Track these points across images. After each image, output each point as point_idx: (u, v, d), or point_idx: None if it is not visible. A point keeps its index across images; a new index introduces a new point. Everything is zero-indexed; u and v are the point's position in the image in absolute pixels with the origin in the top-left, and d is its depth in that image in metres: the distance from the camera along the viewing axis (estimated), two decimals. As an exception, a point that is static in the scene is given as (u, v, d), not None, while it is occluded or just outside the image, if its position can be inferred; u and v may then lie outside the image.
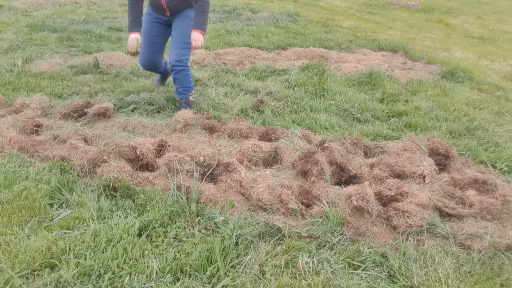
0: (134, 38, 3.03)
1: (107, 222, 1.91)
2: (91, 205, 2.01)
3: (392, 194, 2.21)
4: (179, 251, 1.78)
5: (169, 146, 2.65)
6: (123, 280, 1.60)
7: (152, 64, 3.23)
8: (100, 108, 3.04)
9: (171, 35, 3.12)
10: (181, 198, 2.11)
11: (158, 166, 2.40)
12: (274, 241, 1.90)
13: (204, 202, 2.13)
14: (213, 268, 1.69)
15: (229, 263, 1.73)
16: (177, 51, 3.03)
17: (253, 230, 1.92)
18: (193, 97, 3.35)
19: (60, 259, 1.68)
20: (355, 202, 2.10)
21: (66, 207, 2.06)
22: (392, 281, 1.73)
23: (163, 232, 1.88)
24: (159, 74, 3.65)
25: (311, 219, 2.05)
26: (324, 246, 1.89)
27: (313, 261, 1.76)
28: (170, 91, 3.62)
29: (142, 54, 3.17)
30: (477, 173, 2.45)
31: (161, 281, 1.62)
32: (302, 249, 1.83)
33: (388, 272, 1.77)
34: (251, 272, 1.70)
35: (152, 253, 1.75)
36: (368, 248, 1.86)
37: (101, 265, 1.65)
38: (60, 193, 2.13)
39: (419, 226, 2.01)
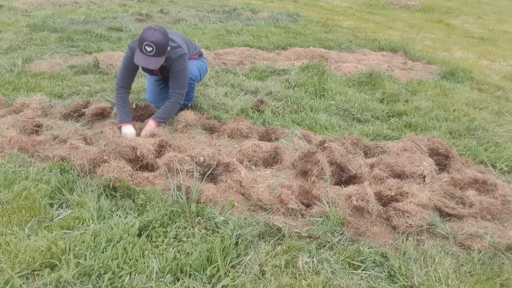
0: (132, 133, 2.75)
1: (107, 222, 1.91)
2: (91, 205, 2.01)
3: (392, 194, 2.21)
4: (179, 251, 1.78)
5: (169, 146, 2.65)
6: (123, 280, 1.60)
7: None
8: (97, 108, 3.04)
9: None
10: (181, 198, 2.11)
11: (158, 166, 2.40)
12: (274, 241, 1.90)
13: (204, 202, 2.13)
14: (213, 268, 1.69)
15: (229, 263, 1.73)
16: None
17: (253, 230, 1.92)
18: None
19: (60, 259, 1.68)
20: (355, 202, 2.10)
21: (66, 207, 2.06)
22: (392, 281, 1.73)
23: (163, 232, 1.88)
24: None
25: (311, 219, 2.05)
26: (324, 246, 1.89)
27: (313, 261, 1.76)
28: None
29: (152, 103, 3.17)
30: (477, 173, 2.45)
31: (161, 281, 1.62)
32: (302, 249, 1.83)
33: (388, 272, 1.77)
34: (251, 272, 1.70)
35: (152, 253, 1.75)
36: (368, 248, 1.86)
37: (101, 265, 1.65)
38: (60, 193, 2.13)
39: (419, 226, 2.01)
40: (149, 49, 2.56)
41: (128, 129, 2.76)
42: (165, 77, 3.07)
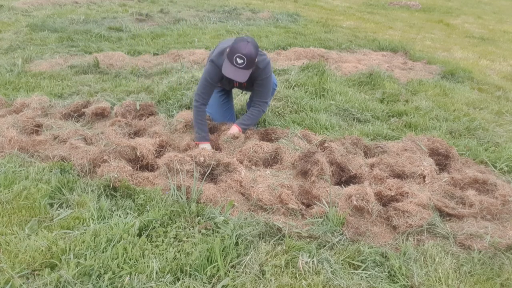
0: (208, 150, 2.58)
1: (107, 222, 1.91)
2: (91, 205, 2.01)
3: (392, 194, 2.21)
4: (179, 251, 1.78)
5: (169, 146, 2.65)
6: (123, 280, 1.60)
7: (228, 120, 3.05)
8: (97, 108, 3.04)
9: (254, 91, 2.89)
10: (181, 198, 2.11)
11: (158, 166, 2.40)
12: (274, 241, 1.90)
13: (204, 202, 2.13)
14: (213, 268, 1.69)
15: (229, 263, 1.73)
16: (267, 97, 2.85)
17: (253, 230, 1.92)
18: None
19: (60, 259, 1.68)
20: (355, 202, 2.10)
21: (66, 207, 2.06)
22: (393, 280, 1.73)
23: (163, 232, 1.88)
24: None
25: (311, 219, 2.05)
26: (324, 246, 1.89)
27: (313, 261, 1.76)
28: (169, 92, 3.62)
29: (217, 119, 3.03)
30: (477, 173, 2.45)
31: (161, 281, 1.62)
32: (302, 249, 1.83)
33: (389, 272, 1.77)
34: (251, 272, 1.70)
35: (152, 253, 1.75)
36: (368, 248, 1.86)
37: (101, 265, 1.65)
38: (60, 193, 2.13)
39: (419, 226, 2.01)
40: (240, 61, 2.45)
41: (205, 149, 2.61)
42: (247, 87, 2.93)
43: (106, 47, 5.06)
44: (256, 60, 2.57)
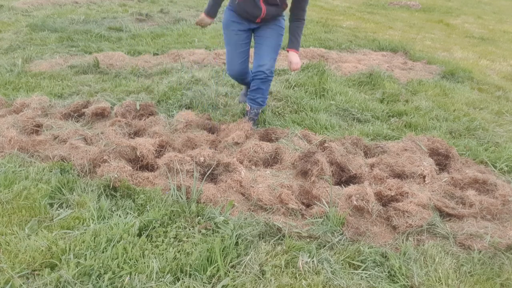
0: (207, 22, 2.96)
1: (107, 222, 1.91)
2: (91, 205, 2.01)
3: (392, 194, 2.21)
4: (179, 251, 1.78)
5: (170, 146, 2.65)
6: (123, 280, 1.60)
7: (242, 72, 3.00)
8: (97, 108, 3.04)
9: (259, 42, 2.88)
10: (181, 198, 2.11)
11: (158, 166, 2.40)
12: (274, 241, 1.90)
13: (204, 202, 2.13)
14: (213, 268, 1.69)
15: (229, 263, 1.73)
16: (271, 60, 2.83)
17: (253, 230, 1.92)
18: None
19: (60, 259, 1.68)
20: (355, 202, 2.10)
21: (66, 207, 2.06)
22: (393, 280, 1.73)
23: (163, 232, 1.88)
24: (245, 87, 3.41)
25: (311, 219, 2.05)
26: (324, 246, 1.89)
27: (313, 261, 1.76)
28: (169, 92, 3.62)
29: (232, 64, 2.95)
30: (477, 173, 2.45)
31: (161, 281, 1.62)
32: (302, 249, 1.83)
33: (389, 272, 1.77)
34: (251, 272, 1.70)
35: (152, 253, 1.75)
36: (368, 248, 1.87)
37: (101, 265, 1.65)
38: (60, 193, 2.13)
39: (419, 226, 2.01)
40: None
41: (206, 18, 2.92)
42: (262, 23, 2.84)
43: (106, 47, 5.06)
44: None
